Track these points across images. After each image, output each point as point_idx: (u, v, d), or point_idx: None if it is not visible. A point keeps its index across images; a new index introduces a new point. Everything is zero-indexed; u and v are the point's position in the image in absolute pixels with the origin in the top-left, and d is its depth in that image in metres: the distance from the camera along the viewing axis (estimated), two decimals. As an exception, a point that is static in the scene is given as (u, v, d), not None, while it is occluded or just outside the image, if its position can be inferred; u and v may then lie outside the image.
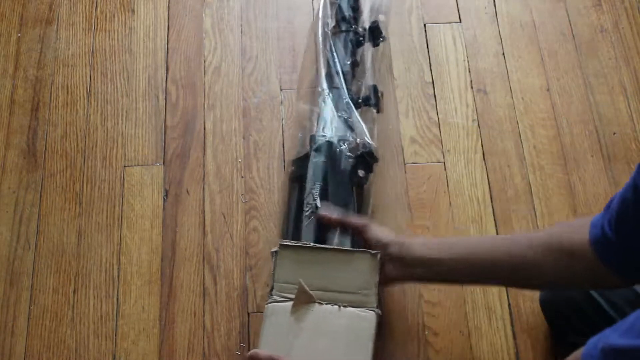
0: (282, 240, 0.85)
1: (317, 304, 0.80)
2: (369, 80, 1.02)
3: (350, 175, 0.93)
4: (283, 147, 1.09)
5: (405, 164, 1.08)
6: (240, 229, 1.03)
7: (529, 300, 0.98)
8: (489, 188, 1.06)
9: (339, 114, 0.96)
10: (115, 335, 0.96)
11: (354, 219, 0.87)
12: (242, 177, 1.07)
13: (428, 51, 1.18)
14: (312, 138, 0.96)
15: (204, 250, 1.01)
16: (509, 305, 0.98)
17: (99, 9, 1.21)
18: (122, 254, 1.01)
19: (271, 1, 1.22)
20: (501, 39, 1.19)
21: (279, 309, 0.80)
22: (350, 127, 0.96)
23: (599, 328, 0.58)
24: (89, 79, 1.15)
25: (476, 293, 0.99)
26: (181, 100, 1.13)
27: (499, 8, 1.22)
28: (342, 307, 0.80)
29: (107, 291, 0.99)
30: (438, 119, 1.12)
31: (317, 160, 0.93)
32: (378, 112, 1.01)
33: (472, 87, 1.15)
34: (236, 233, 1.03)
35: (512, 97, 1.14)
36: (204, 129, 1.11)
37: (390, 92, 1.14)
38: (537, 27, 1.20)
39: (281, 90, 1.14)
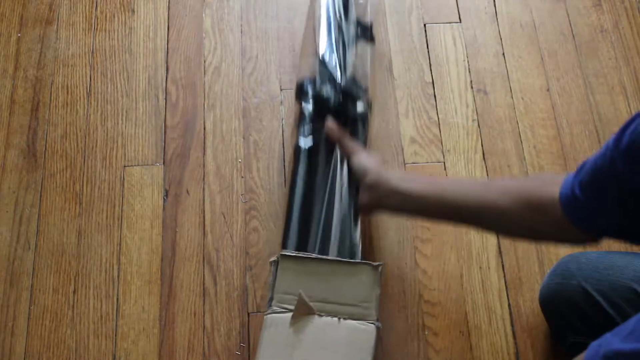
0: (283, 251, 0.84)
1: (316, 316, 0.79)
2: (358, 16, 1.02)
3: (342, 111, 0.93)
4: (283, 147, 1.09)
5: (405, 164, 1.08)
6: (240, 229, 1.03)
7: (529, 300, 0.98)
8: (489, 188, 1.06)
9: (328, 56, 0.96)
10: (115, 335, 0.96)
11: (348, 142, 0.90)
12: (242, 177, 1.07)
13: (428, 51, 1.18)
14: (300, 86, 0.96)
15: (204, 250, 1.01)
16: (509, 305, 0.98)
17: (99, 9, 1.21)
18: (122, 254, 1.01)
19: (271, 1, 1.22)
20: (501, 39, 1.19)
21: (279, 320, 0.80)
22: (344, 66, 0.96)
23: (599, 328, 0.58)
24: (89, 79, 1.15)
25: (476, 293, 0.99)
26: (181, 100, 1.13)
27: (499, 8, 1.22)
28: (342, 319, 0.79)
29: (107, 291, 0.99)
30: (438, 119, 1.12)
31: (305, 106, 0.94)
32: (370, 40, 1.01)
33: (472, 87, 1.15)
34: (236, 233, 1.03)
35: (512, 97, 1.14)
36: (204, 129, 1.11)
37: (390, 92, 1.14)
38: (537, 27, 1.20)
39: (281, 90, 1.14)
